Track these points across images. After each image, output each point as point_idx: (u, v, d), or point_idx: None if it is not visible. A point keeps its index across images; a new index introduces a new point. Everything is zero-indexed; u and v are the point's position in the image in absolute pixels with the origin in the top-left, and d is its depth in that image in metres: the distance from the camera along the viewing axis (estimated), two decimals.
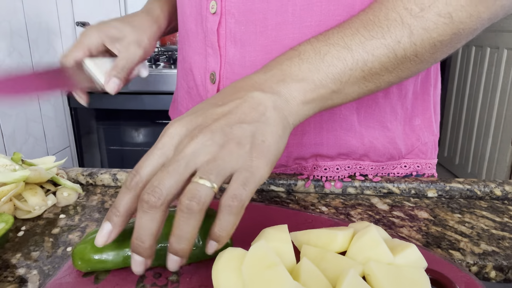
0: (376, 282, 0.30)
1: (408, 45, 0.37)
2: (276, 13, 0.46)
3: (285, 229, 0.35)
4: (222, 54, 0.50)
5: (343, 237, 0.35)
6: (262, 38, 0.47)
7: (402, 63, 0.38)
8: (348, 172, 0.55)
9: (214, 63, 0.51)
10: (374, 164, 0.55)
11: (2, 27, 1.55)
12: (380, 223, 0.45)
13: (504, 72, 2.13)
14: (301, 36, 0.46)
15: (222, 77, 0.51)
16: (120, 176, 0.55)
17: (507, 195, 0.52)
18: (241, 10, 0.47)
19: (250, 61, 0.49)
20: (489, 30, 2.24)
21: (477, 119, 2.39)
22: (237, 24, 0.48)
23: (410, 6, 0.37)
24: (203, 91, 0.54)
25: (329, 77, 0.36)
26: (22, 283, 0.34)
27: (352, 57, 0.36)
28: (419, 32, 0.37)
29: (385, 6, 0.38)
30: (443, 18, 0.37)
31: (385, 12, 0.37)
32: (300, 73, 0.36)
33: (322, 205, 0.49)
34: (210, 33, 0.50)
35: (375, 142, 0.54)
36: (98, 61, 0.52)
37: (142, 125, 1.80)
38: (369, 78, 0.38)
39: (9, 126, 1.61)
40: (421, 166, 0.57)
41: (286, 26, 0.46)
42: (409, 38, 0.37)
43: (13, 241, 0.41)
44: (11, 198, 0.45)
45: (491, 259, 0.38)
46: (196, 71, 0.55)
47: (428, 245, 0.40)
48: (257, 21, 0.47)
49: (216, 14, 0.49)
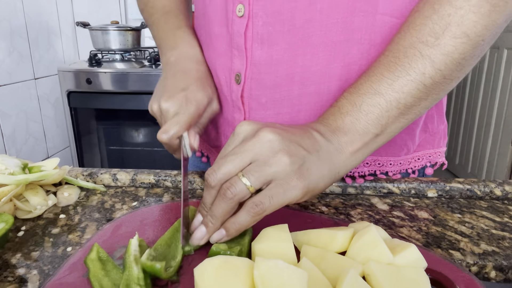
0: (376, 282, 0.30)
1: (434, 73, 0.39)
2: (304, 12, 0.46)
3: (285, 228, 0.35)
4: (248, 56, 0.51)
5: (343, 237, 0.35)
6: (289, 36, 0.48)
7: (434, 89, 0.40)
8: (368, 170, 0.55)
9: (239, 64, 0.52)
10: (392, 160, 0.55)
11: (2, 27, 1.55)
12: (380, 223, 0.45)
13: (504, 72, 2.13)
14: (327, 32, 0.47)
15: (247, 77, 0.52)
16: (120, 176, 0.55)
17: (507, 195, 0.52)
18: (269, 12, 0.47)
19: (276, 60, 0.49)
20: None
21: (477, 119, 2.39)
22: (265, 26, 0.48)
23: (425, 39, 0.39)
24: (227, 91, 0.55)
25: (369, 123, 0.40)
26: (22, 283, 0.34)
27: (385, 100, 0.40)
28: (440, 58, 0.39)
29: (402, 45, 0.41)
30: (460, 39, 0.38)
31: (403, 51, 0.40)
32: (345, 126, 0.40)
33: (322, 205, 0.49)
34: (236, 35, 0.50)
35: None
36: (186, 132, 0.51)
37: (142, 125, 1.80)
38: (406, 112, 0.41)
39: (9, 126, 1.61)
40: (432, 156, 0.58)
41: (313, 23, 0.47)
42: (432, 67, 0.39)
43: (13, 241, 0.41)
44: (11, 198, 0.45)
45: (491, 259, 0.38)
46: (221, 72, 0.55)
47: (428, 245, 0.40)
48: (285, 20, 0.47)
49: (243, 17, 0.49)
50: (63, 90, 1.68)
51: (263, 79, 0.51)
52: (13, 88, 1.62)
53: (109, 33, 1.71)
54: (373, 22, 0.46)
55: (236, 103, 0.54)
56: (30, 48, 1.72)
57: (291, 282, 0.27)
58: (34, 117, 1.76)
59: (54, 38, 1.89)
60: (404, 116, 0.41)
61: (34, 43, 1.74)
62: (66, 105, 1.70)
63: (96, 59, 1.72)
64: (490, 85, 2.24)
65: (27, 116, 1.71)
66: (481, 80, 2.35)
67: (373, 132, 0.40)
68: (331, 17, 0.46)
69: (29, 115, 1.73)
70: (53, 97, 1.89)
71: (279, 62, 0.49)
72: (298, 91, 0.50)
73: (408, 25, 0.42)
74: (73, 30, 2.05)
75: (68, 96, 1.68)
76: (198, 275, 0.29)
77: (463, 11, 0.38)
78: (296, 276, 0.28)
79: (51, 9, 1.86)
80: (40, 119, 1.81)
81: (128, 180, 0.55)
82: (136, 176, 0.55)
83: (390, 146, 0.54)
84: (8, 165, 0.48)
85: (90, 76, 1.64)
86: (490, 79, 2.25)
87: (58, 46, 1.92)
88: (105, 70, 1.63)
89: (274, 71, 0.50)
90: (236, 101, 0.53)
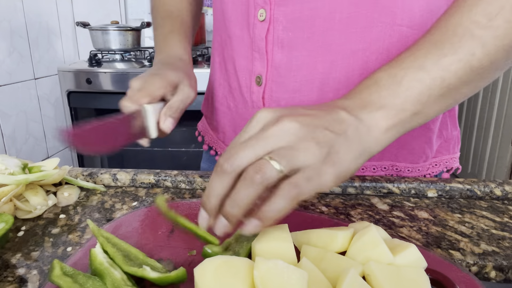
0: (376, 282, 0.30)
1: (482, 56, 0.37)
2: (324, 20, 0.47)
3: (285, 228, 0.35)
4: (269, 59, 0.52)
5: (343, 237, 0.35)
6: (309, 43, 0.49)
7: (479, 74, 0.38)
8: (385, 173, 0.56)
9: (260, 67, 0.53)
10: (410, 166, 0.56)
11: (2, 27, 1.55)
12: (380, 223, 0.45)
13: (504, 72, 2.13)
14: (346, 41, 0.48)
15: (268, 80, 0.53)
16: (120, 176, 0.55)
17: (507, 195, 0.52)
18: (290, 18, 0.49)
19: (296, 65, 0.50)
20: None
21: (477, 119, 2.39)
22: (285, 31, 0.49)
23: (477, 19, 0.37)
24: (246, 92, 0.56)
25: (408, 100, 0.36)
26: (22, 283, 0.34)
27: (429, 76, 0.36)
28: (491, 41, 0.37)
29: (451, 23, 0.38)
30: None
31: (452, 29, 0.37)
32: (380, 100, 0.36)
33: (322, 205, 0.49)
34: (258, 39, 0.52)
35: (412, 141, 0.54)
36: (156, 107, 0.50)
37: None
38: (447, 94, 0.38)
39: (9, 126, 1.61)
40: (448, 161, 0.59)
41: (333, 32, 0.47)
42: (482, 49, 0.37)
43: (13, 241, 0.41)
44: (11, 198, 0.45)
45: (491, 259, 0.38)
46: (241, 73, 0.56)
47: (428, 245, 0.40)
48: (305, 27, 0.48)
49: (265, 22, 0.50)
50: (63, 90, 1.68)
51: (284, 83, 0.52)
52: (13, 88, 1.62)
53: (109, 33, 1.71)
54: (391, 32, 0.47)
55: (257, 103, 0.55)
56: (30, 48, 1.72)
57: (291, 282, 0.27)
58: (34, 117, 1.76)
59: (54, 38, 1.89)
60: (444, 98, 0.38)
61: (34, 43, 1.74)
62: (66, 105, 1.70)
63: (96, 59, 1.72)
64: (490, 85, 2.24)
65: (27, 116, 1.71)
66: None
67: (411, 110, 0.36)
68: (350, 26, 0.47)
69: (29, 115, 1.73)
70: (53, 97, 1.88)
71: (298, 68, 0.50)
72: (317, 97, 0.51)
73: (457, 5, 0.39)
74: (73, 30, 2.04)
75: (68, 96, 1.68)
76: (198, 275, 0.29)
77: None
78: (296, 276, 0.28)
79: (51, 9, 1.86)
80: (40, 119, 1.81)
81: (128, 180, 0.55)
82: (136, 176, 0.55)
83: (410, 154, 0.55)
84: (8, 165, 0.48)
85: (90, 76, 1.63)
86: None
87: (58, 46, 1.92)
88: (105, 70, 1.63)
89: (294, 76, 0.51)
90: (257, 102, 0.55)
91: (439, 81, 0.37)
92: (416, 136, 0.54)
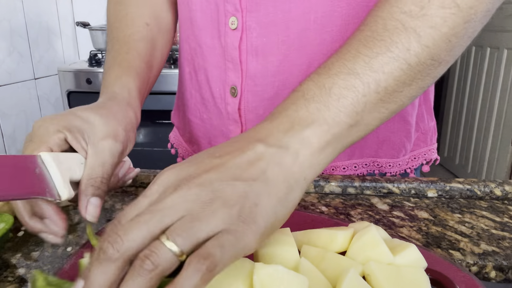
0: (376, 282, 0.30)
1: (420, 50, 0.32)
2: (298, 22, 0.45)
3: (288, 232, 0.35)
4: (244, 69, 0.49)
5: (343, 237, 0.35)
6: (284, 47, 0.47)
7: (419, 71, 0.33)
8: (367, 170, 0.55)
9: (234, 77, 0.50)
10: (392, 161, 0.55)
11: (2, 27, 1.55)
12: (380, 223, 0.45)
13: (504, 72, 2.13)
14: (322, 42, 0.46)
15: (244, 90, 0.50)
16: None
17: (507, 195, 0.52)
18: (263, 24, 0.46)
19: (272, 71, 0.48)
20: (489, 30, 2.24)
21: (477, 119, 2.39)
22: (259, 37, 0.47)
23: (407, 8, 0.32)
24: (221, 104, 0.54)
25: (341, 111, 0.31)
26: (22, 283, 0.34)
27: (362, 81, 0.32)
28: (427, 32, 0.32)
29: (380, 17, 0.33)
30: (448, 9, 0.32)
31: (382, 23, 0.33)
32: (309, 116, 0.31)
33: (322, 205, 0.49)
34: (230, 48, 0.49)
35: (392, 136, 0.54)
36: (60, 157, 0.35)
37: (142, 125, 1.80)
38: (387, 99, 0.33)
39: (9, 126, 1.61)
40: (426, 153, 0.58)
41: (308, 33, 0.46)
42: (418, 42, 0.32)
43: (13, 241, 0.41)
44: None
45: (491, 259, 0.38)
46: (214, 84, 0.53)
47: (428, 245, 0.40)
48: (279, 31, 0.46)
49: (237, 30, 0.48)
50: (63, 90, 1.69)
51: (260, 91, 0.50)
52: (13, 88, 1.62)
53: None
54: None
55: (233, 115, 0.52)
56: (30, 48, 1.72)
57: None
58: (34, 117, 1.76)
59: (54, 38, 1.89)
60: (384, 104, 0.33)
61: (34, 43, 1.74)
62: (66, 105, 1.70)
63: (96, 59, 1.72)
64: (490, 85, 2.24)
65: (27, 116, 1.71)
66: (481, 80, 2.34)
67: (347, 122, 0.31)
68: (325, 26, 0.45)
69: (29, 115, 1.73)
70: (53, 97, 1.88)
71: (275, 74, 0.48)
72: None
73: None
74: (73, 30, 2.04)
75: (68, 96, 1.68)
76: None
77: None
78: (296, 282, 0.27)
79: (51, 9, 1.86)
80: None
81: None
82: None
83: (390, 149, 0.55)
84: None
85: (90, 76, 1.63)
86: (490, 79, 2.25)
87: (58, 46, 1.92)
88: None
89: (271, 82, 0.49)
90: (233, 113, 0.52)
91: (373, 86, 0.32)
92: (395, 130, 0.54)
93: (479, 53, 2.38)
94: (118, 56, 0.49)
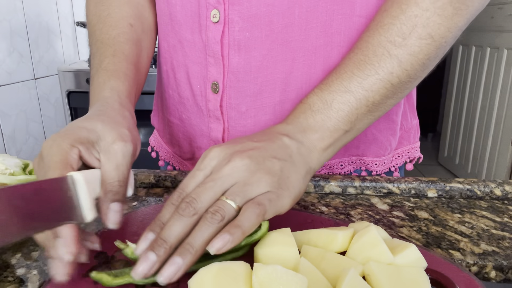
0: (376, 282, 0.30)
1: (400, 73, 0.41)
2: (282, 16, 0.45)
3: (288, 232, 0.35)
4: (225, 64, 0.48)
5: (343, 237, 0.35)
6: (268, 42, 0.46)
7: (399, 88, 0.42)
8: (354, 167, 0.55)
9: (216, 73, 0.49)
10: (377, 160, 0.55)
11: (2, 27, 1.55)
12: (380, 223, 0.45)
13: (504, 72, 2.13)
14: (307, 37, 0.46)
15: (225, 86, 0.49)
16: None
17: (507, 195, 0.52)
18: (246, 17, 0.46)
19: (255, 67, 0.48)
20: (489, 30, 2.24)
21: (477, 119, 2.39)
22: (241, 31, 0.46)
23: (393, 38, 0.40)
24: (201, 101, 0.52)
25: (340, 121, 0.40)
26: (22, 283, 0.34)
27: (355, 98, 0.41)
28: (407, 58, 0.40)
29: (371, 43, 0.41)
30: (425, 40, 0.40)
31: (372, 49, 0.41)
32: (316, 124, 0.40)
33: (322, 205, 0.49)
34: (212, 42, 0.48)
35: (379, 135, 0.54)
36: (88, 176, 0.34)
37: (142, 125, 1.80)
38: (373, 109, 0.42)
39: (9, 126, 1.61)
40: (410, 151, 0.59)
41: (292, 28, 0.46)
42: (400, 67, 0.41)
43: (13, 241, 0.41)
44: None
45: (491, 259, 0.38)
46: (194, 81, 0.52)
47: (428, 245, 0.40)
48: (262, 25, 0.46)
49: (219, 23, 0.47)
50: (63, 90, 1.69)
51: (243, 87, 0.49)
52: (13, 88, 1.62)
53: None
54: (351, 24, 0.46)
55: (214, 112, 0.51)
56: (30, 48, 1.72)
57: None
58: (34, 117, 1.76)
59: (54, 38, 1.89)
60: (371, 113, 0.42)
61: (34, 43, 1.74)
62: (66, 105, 1.70)
63: None
64: (490, 85, 2.24)
65: (27, 116, 1.71)
66: (481, 80, 2.34)
67: (343, 128, 0.41)
68: (310, 21, 0.45)
69: (29, 115, 1.73)
70: (53, 97, 1.88)
71: (258, 69, 0.48)
72: (279, 98, 0.49)
73: (377, 23, 0.42)
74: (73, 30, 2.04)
75: (68, 96, 1.68)
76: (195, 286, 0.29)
77: (429, 13, 0.40)
78: (295, 281, 0.27)
79: (51, 9, 1.86)
80: (40, 119, 1.81)
81: None
82: (136, 176, 0.55)
83: (377, 147, 0.55)
84: (8, 165, 0.48)
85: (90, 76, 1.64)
86: (490, 79, 2.25)
87: (58, 46, 1.92)
88: None
89: (254, 79, 0.48)
90: (214, 110, 0.51)
91: (364, 101, 0.41)
92: (382, 129, 0.54)
93: (479, 53, 2.38)
94: (104, 59, 0.48)
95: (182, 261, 0.30)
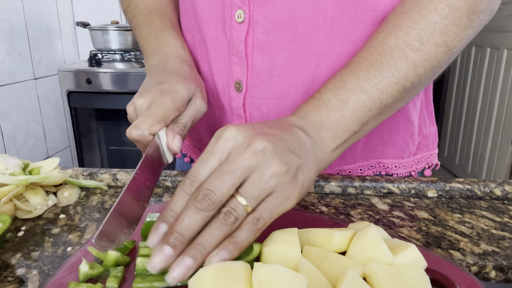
0: (376, 282, 0.30)
1: (414, 77, 0.41)
2: (307, 22, 0.46)
3: (294, 232, 0.35)
4: (249, 63, 0.49)
5: (341, 237, 0.35)
6: (292, 47, 0.47)
7: (410, 91, 0.42)
8: (373, 171, 0.55)
9: (239, 72, 0.50)
10: (397, 162, 0.55)
11: (2, 27, 1.55)
12: (380, 223, 0.45)
13: (504, 72, 2.13)
14: (331, 44, 0.46)
15: (249, 85, 0.50)
16: (120, 176, 0.55)
17: (507, 195, 0.52)
18: (270, 19, 0.46)
19: (279, 70, 0.48)
20: (489, 30, 2.24)
21: (477, 119, 2.39)
22: (265, 33, 0.47)
23: (410, 42, 0.40)
24: (224, 98, 0.53)
25: (353, 122, 0.40)
26: (22, 283, 0.34)
27: (370, 99, 0.40)
28: (422, 63, 0.40)
29: (388, 44, 0.41)
30: (440, 48, 0.40)
31: (389, 51, 0.41)
32: (330, 123, 0.39)
33: (322, 205, 0.49)
34: (236, 42, 0.48)
35: (396, 136, 0.54)
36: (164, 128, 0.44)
37: None
38: (384, 112, 0.42)
39: (9, 126, 1.61)
40: (429, 158, 0.59)
41: (317, 34, 0.46)
42: (414, 71, 0.41)
43: (13, 241, 0.41)
44: (11, 198, 0.45)
45: (491, 259, 0.38)
46: (218, 77, 0.53)
47: (428, 245, 0.40)
48: (286, 29, 0.46)
49: (243, 23, 0.47)
50: (63, 90, 1.69)
51: (266, 89, 0.49)
52: (13, 88, 1.62)
53: (109, 33, 1.71)
54: (373, 32, 0.46)
55: (237, 111, 0.52)
56: (30, 48, 1.72)
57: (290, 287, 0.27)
58: (34, 117, 1.76)
59: (54, 38, 1.89)
60: (381, 116, 0.42)
61: (34, 43, 1.74)
62: (66, 105, 1.70)
63: (96, 59, 1.72)
64: (490, 85, 2.24)
65: (27, 116, 1.71)
66: (481, 80, 2.34)
67: (354, 129, 0.40)
68: (334, 28, 0.46)
69: (29, 115, 1.73)
70: (53, 97, 1.88)
71: (281, 72, 0.48)
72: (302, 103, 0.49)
73: (394, 25, 0.42)
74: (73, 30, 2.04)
75: (68, 96, 1.68)
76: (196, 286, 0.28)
77: (447, 21, 0.40)
78: (295, 280, 0.27)
79: (51, 9, 1.86)
80: (40, 119, 1.81)
81: (128, 180, 0.55)
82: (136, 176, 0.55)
83: (395, 149, 0.55)
84: (8, 165, 0.48)
85: (90, 76, 1.64)
86: (490, 79, 2.25)
87: (58, 46, 1.92)
88: (105, 70, 1.63)
89: (277, 82, 0.49)
90: (237, 109, 0.52)
91: (378, 103, 0.40)
92: (400, 131, 0.54)
93: (479, 53, 2.38)
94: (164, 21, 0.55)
95: (193, 262, 0.30)
